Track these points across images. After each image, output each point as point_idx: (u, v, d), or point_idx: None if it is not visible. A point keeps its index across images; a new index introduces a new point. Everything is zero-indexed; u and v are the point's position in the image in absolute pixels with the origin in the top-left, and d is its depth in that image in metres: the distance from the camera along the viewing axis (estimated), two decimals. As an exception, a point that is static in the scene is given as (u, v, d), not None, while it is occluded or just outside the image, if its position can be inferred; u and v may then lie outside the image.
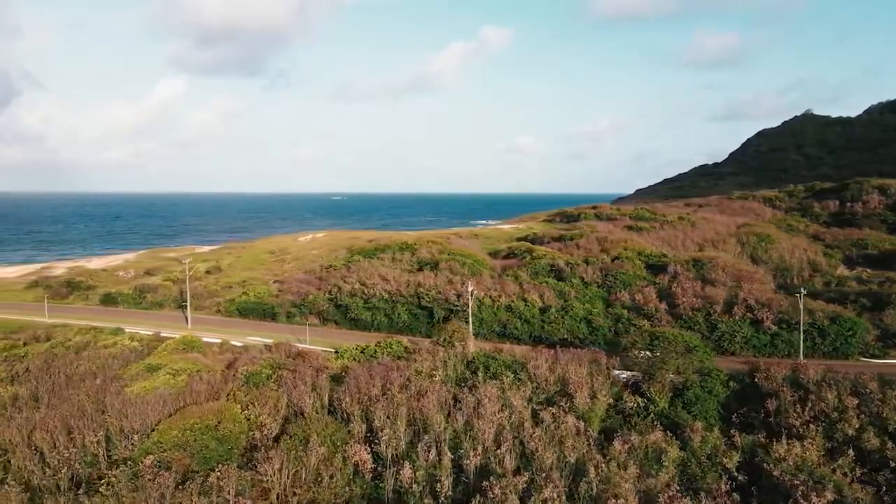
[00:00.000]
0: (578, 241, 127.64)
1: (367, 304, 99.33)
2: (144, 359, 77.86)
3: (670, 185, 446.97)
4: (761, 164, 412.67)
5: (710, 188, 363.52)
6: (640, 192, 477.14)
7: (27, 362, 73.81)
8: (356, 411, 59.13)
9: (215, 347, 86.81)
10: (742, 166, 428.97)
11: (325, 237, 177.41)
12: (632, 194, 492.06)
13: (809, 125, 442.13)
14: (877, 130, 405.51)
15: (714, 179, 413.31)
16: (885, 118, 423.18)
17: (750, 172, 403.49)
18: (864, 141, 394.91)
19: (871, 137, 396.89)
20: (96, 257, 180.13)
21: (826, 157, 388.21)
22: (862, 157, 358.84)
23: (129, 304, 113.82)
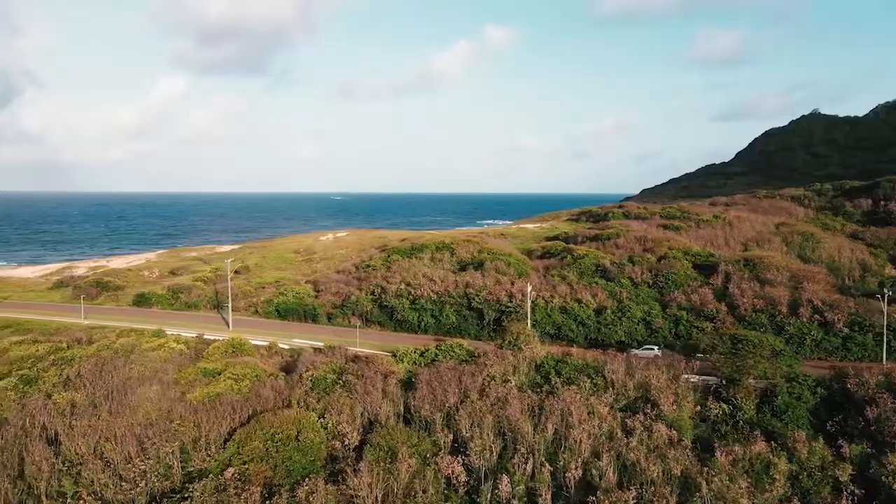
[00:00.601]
0: (616, 240, 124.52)
1: (413, 305, 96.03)
2: (196, 362, 74.55)
3: (678, 184, 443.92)
4: (770, 164, 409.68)
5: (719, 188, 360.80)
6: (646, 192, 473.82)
7: (77, 366, 70.32)
8: (438, 419, 55.89)
9: (263, 350, 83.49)
10: (750, 165, 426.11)
11: (348, 236, 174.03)
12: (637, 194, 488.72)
13: (817, 124, 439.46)
14: (885, 130, 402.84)
15: (723, 179, 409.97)
16: (892, 118, 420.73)
17: (759, 172, 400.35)
18: (872, 140, 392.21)
19: (879, 137, 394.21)
20: (116, 257, 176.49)
21: (835, 157, 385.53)
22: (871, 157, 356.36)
23: (162, 304, 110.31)
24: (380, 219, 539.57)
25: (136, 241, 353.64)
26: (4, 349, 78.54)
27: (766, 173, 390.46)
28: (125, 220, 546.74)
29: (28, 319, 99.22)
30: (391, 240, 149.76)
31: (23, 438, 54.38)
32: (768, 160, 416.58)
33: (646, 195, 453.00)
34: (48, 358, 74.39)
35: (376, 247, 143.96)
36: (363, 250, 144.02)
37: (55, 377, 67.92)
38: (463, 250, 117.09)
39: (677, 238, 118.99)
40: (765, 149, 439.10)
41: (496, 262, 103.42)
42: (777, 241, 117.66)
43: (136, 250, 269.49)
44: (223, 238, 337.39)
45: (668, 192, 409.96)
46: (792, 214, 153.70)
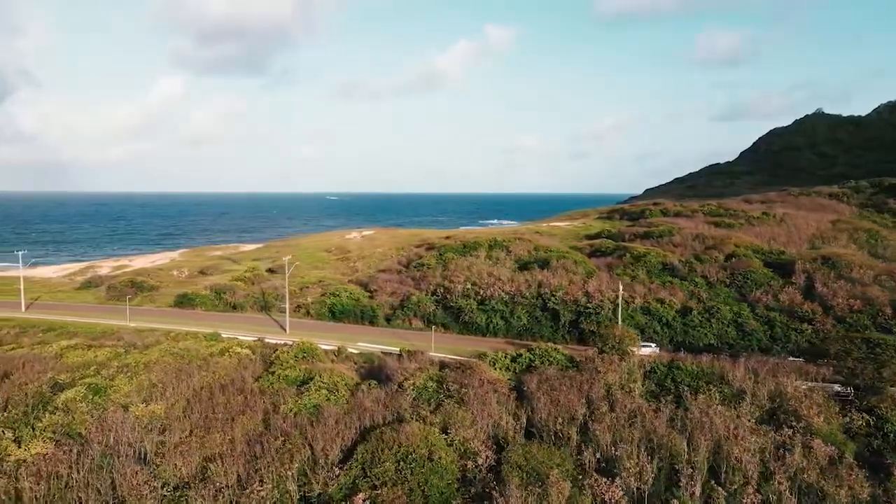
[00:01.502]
0: (671, 237, 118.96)
1: (482, 306, 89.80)
2: (270, 369, 68.00)
3: (683, 184, 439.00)
4: (775, 163, 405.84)
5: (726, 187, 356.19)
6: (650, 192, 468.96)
7: (147, 374, 63.57)
8: (573, 434, 49.65)
9: (332, 355, 76.92)
10: (756, 165, 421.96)
11: (378, 235, 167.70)
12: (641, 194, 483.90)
13: (821, 124, 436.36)
14: (890, 130, 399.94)
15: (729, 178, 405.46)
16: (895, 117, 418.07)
17: (765, 171, 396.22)
18: (878, 140, 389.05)
19: (885, 137, 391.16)
20: (138, 256, 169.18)
21: (841, 157, 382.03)
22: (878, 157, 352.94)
23: (206, 305, 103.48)
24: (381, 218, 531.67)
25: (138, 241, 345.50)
26: (58, 354, 71.66)
27: (772, 173, 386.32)
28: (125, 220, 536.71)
29: (70, 322, 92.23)
30: (430, 238, 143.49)
31: (110, 458, 47.80)
32: (774, 160, 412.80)
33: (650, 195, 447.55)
34: (110, 364, 67.63)
35: (415, 245, 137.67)
36: (401, 249, 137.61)
37: (126, 386, 61.16)
38: (518, 248, 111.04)
39: (739, 236, 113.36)
40: (770, 148, 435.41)
41: (563, 261, 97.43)
42: (843, 238, 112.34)
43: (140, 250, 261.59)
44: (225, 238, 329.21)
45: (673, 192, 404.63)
46: (837, 211, 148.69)
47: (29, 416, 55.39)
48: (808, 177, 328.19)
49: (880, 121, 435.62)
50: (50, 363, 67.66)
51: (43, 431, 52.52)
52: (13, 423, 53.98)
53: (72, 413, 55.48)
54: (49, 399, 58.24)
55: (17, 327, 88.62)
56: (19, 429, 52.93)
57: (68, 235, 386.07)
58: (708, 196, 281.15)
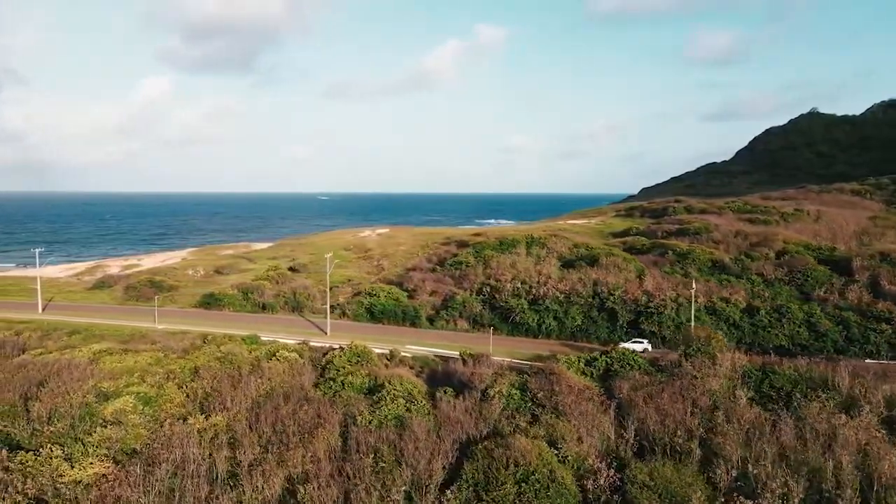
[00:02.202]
0: (708, 234, 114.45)
1: (533, 305, 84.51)
2: (326, 374, 62.41)
3: (681, 183, 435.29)
4: (773, 162, 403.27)
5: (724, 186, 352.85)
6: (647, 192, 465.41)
7: (201, 382, 57.72)
8: (693, 448, 44.43)
9: (384, 359, 71.30)
10: (753, 164, 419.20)
11: (395, 233, 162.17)
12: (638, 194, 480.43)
13: (817, 123, 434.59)
14: (886, 130, 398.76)
15: (727, 177, 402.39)
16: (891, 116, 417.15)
17: (762, 171, 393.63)
18: (875, 140, 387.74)
19: (882, 136, 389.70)
20: (147, 255, 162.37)
21: (839, 156, 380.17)
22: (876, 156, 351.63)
23: (234, 306, 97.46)
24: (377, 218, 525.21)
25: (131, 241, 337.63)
26: (93, 359, 65.54)
27: (770, 172, 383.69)
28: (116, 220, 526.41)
29: (94, 324, 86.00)
30: (455, 235, 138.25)
31: (180, 478, 42.06)
32: (771, 159, 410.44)
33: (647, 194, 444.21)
34: (153, 370, 61.65)
35: (440, 242, 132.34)
36: (426, 246, 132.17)
37: (178, 395, 55.36)
38: (557, 245, 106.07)
39: (784, 232, 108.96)
40: (767, 148, 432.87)
41: (612, 258, 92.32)
42: (891, 234, 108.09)
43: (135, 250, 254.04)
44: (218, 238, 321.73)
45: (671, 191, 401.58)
46: (865, 208, 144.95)
47: (76, 429, 49.52)
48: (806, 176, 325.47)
49: (875, 120, 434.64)
50: (87, 369, 61.54)
51: (96, 448, 46.66)
52: (61, 437, 48.10)
53: (124, 426, 49.60)
54: (95, 410, 52.31)
55: (39, 330, 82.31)
56: (68, 444, 47.08)
57: (60, 235, 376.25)
58: (708, 195, 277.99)
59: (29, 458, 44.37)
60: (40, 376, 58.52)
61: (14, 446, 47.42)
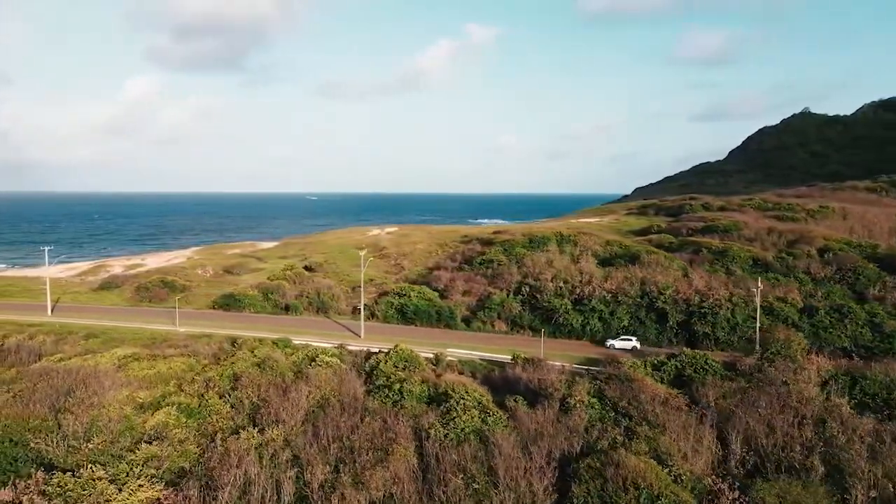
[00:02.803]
0: (738, 232, 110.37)
1: (577, 306, 79.80)
2: (375, 381, 57.36)
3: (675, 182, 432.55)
4: (767, 162, 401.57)
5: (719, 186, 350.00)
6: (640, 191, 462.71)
7: (246, 391, 52.35)
8: (815, 464, 39.82)
9: (430, 364, 66.30)
10: (747, 164, 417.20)
11: (407, 231, 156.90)
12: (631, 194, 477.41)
13: (810, 123, 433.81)
14: (879, 129, 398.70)
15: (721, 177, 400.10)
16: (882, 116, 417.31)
17: (757, 170, 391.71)
18: (868, 139, 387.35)
19: (874, 136, 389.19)
20: (150, 255, 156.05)
21: (833, 155, 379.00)
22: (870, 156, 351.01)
23: (255, 307, 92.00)
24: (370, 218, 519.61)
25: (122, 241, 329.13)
26: (119, 366, 60.02)
27: (765, 172, 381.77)
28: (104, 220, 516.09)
29: (109, 326, 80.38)
30: (473, 233, 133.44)
31: None
32: (765, 158, 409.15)
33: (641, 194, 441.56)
34: (189, 378, 56.29)
35: (458, 241, 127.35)
36: (444, 245, 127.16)
37: (222, 406, 50.03)
38: (588, 242, 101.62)
39: (821, 230, 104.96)
40: (760, 147, 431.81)
41: (654, 256, 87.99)
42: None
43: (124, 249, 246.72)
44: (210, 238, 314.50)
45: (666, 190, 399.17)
46: (887, 206, 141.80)
47: (117, 445, 44.05)
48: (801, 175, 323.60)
49: (866, 120, 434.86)
50: (115, 377, 56.00)
51: (141, 467, 41.26)
52: (100, 455, 42.64)
53: (169, 441, 44.23)
54: (134, 424, 46.89)
55: (52, 333, 76.53)
56: (111, 464, 41.61)
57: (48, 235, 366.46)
58: (704, 194, 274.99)
59: (68, 481, 38.92)
60: (66, 385, 52.97)
61: (48, 466, 41.92)
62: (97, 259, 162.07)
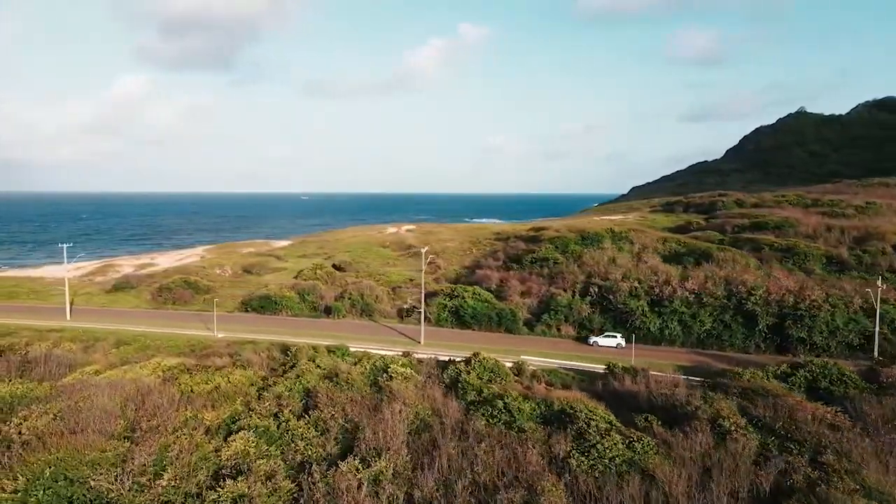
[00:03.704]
0: (794, 228, 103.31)
1: (655, 308, 72.20)
2: (466, 397, 49.45)
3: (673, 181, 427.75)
4: (766, 161, 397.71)
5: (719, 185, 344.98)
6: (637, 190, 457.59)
7: (331, 410, 44.11)
8: None
9: (514, 376, 58.41)
10: (745, 163, 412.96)
11: (430, 228, 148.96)
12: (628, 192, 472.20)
13: (806, 123, 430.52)
14: (875, 129, 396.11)
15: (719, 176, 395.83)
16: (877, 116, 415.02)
17: (755, 169, 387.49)
18: (866, 139, 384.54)
19: (871, 136, 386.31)
20: (158, 254, 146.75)
21: (831, 155, 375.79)
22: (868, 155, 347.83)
23: (293, 309, 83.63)
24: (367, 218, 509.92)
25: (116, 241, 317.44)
26: (165, 379, 51.59)
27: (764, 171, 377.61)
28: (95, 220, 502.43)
29: (140, 332, 71.82)
30: (506, 230, 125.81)
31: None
32: (764, 158, 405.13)
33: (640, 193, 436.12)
34: (255, 394, 48.02)
35: (493, 238, 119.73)
36: (477, 242, 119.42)
37: (307, 430, 41.77)
38: (642, 239, 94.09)
39: (887, 226, 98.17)
40: (758, 147, 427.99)
41: (727, 253, 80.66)
42: None
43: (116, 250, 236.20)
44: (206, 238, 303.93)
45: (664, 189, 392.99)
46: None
47: (193, 481, 35.77)
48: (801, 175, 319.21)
49: (862, 120, 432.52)
50: (168, 393, 47.57)
51: (231, 510, 33.11)
52: (177, 495, 34.41)
53: (255, 476, 35.98)
54: (207, 453, 38.56)
55: (77, 340, 67.84)
56: (190, 506, 33.44)
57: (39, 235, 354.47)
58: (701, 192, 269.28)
59: (142, 529, 30.80)
60: (114, 404, 44.59)
61: (113, 509, 33.75)
62: (96, 259, 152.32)
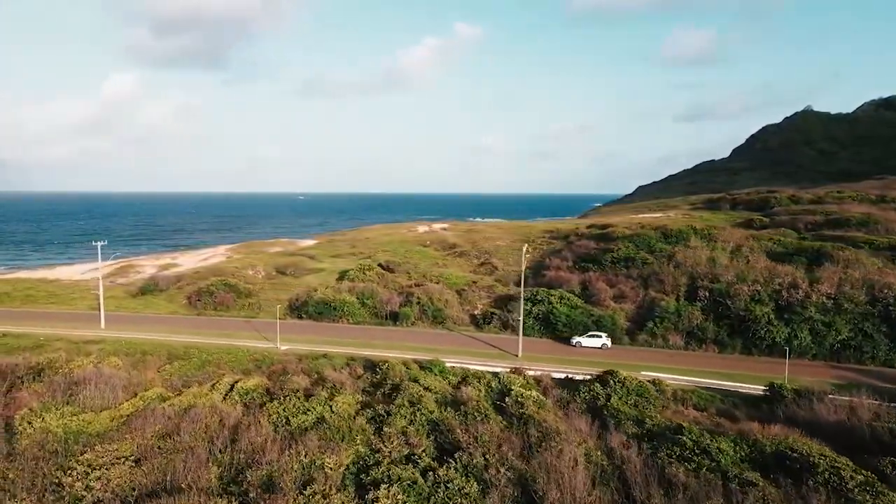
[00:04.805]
0: (886, 226, 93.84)
1: (784, 315, 62.39)
2: (621, 427, 39.39)
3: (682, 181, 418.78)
4: (774, 160, 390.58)
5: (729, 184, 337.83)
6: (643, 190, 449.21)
7: (474, 458, 33.97)
8: None
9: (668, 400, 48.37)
10: (754, 162, 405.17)
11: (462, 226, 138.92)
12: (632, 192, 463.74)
13: (813, 121, 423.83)
14: (882, 128, 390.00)
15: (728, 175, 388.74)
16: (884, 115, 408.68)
17: (765, 168, 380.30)
18: (874, 137, 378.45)
19: (879, 134, 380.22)
20: (179, 254, 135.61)
21: (840, 153, 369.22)
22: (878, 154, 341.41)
23: (354, 316, 73.33)
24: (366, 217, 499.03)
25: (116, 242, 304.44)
26: (245, 404, 41.33)
27: (773, 170, 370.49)
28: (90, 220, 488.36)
29: (189, 343, 61.35)
30: (561, 227, 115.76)
31: None
32: (772, 156, 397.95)
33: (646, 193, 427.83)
34: (367, 426, 37.77)
35: (547, 237, 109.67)
36: (530, 241, 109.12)
37: (458, 478, 31.62)
38: (727, 236, 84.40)
39: None
40: (766, 146, 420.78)
41: (846, 252, 70.95)
42: None
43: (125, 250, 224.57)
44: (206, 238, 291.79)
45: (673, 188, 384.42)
46: None
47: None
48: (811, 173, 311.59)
49: (869, 118, 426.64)
50: (262, 428, 37.28)
51: None
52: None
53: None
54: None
55: (121, 353, 57.23)
56: None
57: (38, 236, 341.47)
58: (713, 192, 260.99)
59: None
60: (199, 445, 34.31)
61: None
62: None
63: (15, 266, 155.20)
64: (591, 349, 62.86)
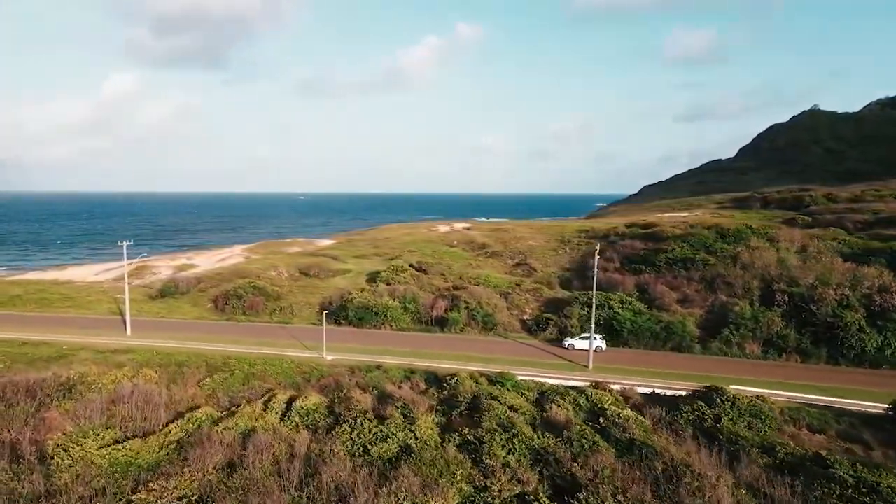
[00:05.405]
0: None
1: (875, 320, 56.90)
2: (745, 455, 33.75)
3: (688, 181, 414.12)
4: (782, 159, 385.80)
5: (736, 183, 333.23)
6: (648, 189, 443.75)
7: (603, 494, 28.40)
8: None
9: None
10: (761, 161, 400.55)
11: (489, 226, 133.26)
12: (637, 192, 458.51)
13: (820, 120, 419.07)
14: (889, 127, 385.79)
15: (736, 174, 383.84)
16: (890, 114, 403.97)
17: (772, 167, 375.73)
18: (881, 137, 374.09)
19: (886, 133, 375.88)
20: (195, 254, 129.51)
21: (848, 152, 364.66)
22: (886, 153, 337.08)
23: (398, 321, 67.60)
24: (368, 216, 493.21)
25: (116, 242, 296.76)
26: (309, 426, 35.59)
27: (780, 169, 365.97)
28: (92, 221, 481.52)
29: (225, 352, 55.51)
30: (596, 227, 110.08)
31: None
32: (780, 156, 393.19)
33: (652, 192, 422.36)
34: (463, 461, 32.08)
35: (583, 236, 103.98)
36: (565, 241, 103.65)
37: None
38: (787, 235, 78.92)
39: None
40: (773, 145, 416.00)
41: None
42: None
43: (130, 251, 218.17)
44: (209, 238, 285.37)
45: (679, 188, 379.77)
46: None
47: None
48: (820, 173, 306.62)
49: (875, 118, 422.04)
50: (337, 458, 31.59)
51: None
52: None
53: None
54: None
55: (152, 364, 51.34)
56: None
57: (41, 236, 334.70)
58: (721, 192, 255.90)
59: None
60: (284, 485, 28.60)
61: None
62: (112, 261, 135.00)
63: (19, 266, 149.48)
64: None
